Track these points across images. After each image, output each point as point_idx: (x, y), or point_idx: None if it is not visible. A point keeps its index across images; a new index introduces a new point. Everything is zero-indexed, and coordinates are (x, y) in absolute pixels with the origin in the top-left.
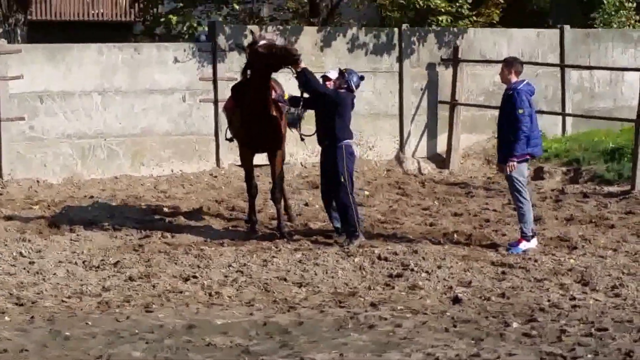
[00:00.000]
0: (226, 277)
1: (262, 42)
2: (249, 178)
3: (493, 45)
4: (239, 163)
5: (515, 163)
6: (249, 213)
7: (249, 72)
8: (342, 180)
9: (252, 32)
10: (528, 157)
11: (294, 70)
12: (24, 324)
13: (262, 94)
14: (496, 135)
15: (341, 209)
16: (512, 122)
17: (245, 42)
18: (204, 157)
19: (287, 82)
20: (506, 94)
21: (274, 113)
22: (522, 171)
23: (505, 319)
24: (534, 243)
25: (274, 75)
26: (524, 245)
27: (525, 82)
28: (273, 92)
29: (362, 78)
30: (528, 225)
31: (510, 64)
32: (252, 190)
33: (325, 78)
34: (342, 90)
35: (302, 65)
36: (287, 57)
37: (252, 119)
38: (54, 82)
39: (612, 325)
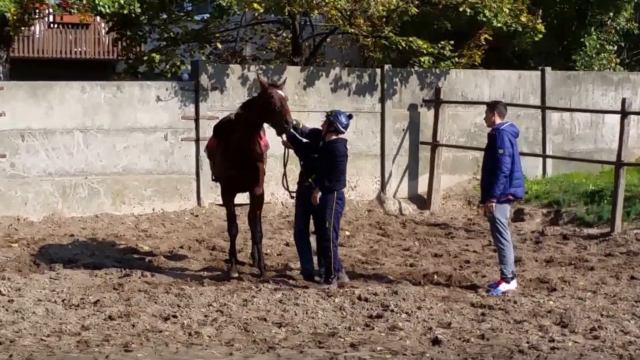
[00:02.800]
0: (206, 317)
1: (278, 92)
2: (231, 218)
3: (475, 86)
4: (220, 202)
5: (494, 204)
6: (229, 253)
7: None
8: (327, 225)
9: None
10: (510, 197)
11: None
12: None
13: (251, 136)
14: (478, 177)
15: (322, 252)
16: (493, 162)
17: (263, 78)
18: (185, 196)
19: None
20: (489, 135)
21: (259, 152)
22: (504, 212)
23: None
24: (513, 285)
25: None
26: (503, 286)
27: (509, 124)
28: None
29: (350, 117)
30: (508, 267)
31: (494, 107)
32: (232, 230)
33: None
34: (335, 138)
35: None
36: (281, 123)
37: (237, 160)
38: (35, 119)
39: None
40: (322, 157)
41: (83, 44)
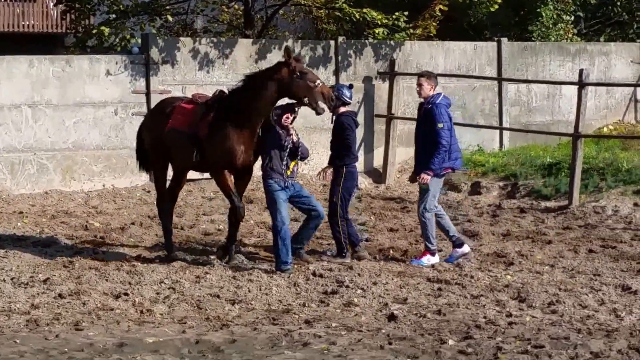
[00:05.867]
0: (158, 294)
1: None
2: (236, 200)
3: (430, 58)
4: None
5: (429, 176)
6: (228, 240)
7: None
8: (335, 200)
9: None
10: (450, 170)
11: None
12: None
13: (268, 113)
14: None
15: (331, 228)
16: (432, 136)
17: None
18: (136, 172)
19: None
20: (425, 108)
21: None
22: (439, 186)
23: (441, 336)
24: (437, 258)
25: None
26: (427, 259)
27: (442, 95)
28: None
29: (351, 87)
30: (433, 239)
31: (430, 78)
32: (241, 211)
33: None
34: (343, 111)
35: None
36: (318, 102)
37: (245, 137)
38: None
39: (549, 342)
40: (333, 132)
41: (30, 17)
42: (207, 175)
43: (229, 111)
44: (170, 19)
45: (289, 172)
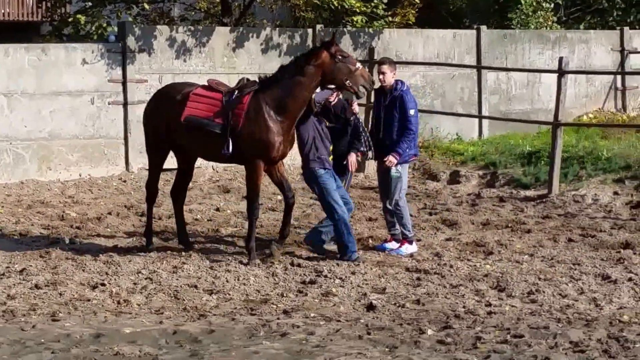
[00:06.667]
0: (135, 285)
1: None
2: (257, 200)
3: (409, 46)
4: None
5: (396, 160)
6: (249, 237)
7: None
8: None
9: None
10: (414, 158)
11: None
12: None
13: (310, 99)
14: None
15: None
16: (402, 122)
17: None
18: (112, 161)
19: None
20: (393, 95)
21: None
22: (406, 173)
23: (420, 326)
24: (415, 247)
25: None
26: (406, 247)
27: (404, 82)
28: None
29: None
30: (410, 227)
31: (392, 64)
32: (256, 212)
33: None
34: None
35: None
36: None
37: (287, 130)
38: None
39: (528, 331)
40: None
41: (6, 5)
42: None
43: (266, 102)
44: (147, 7)
45: (331, 159)
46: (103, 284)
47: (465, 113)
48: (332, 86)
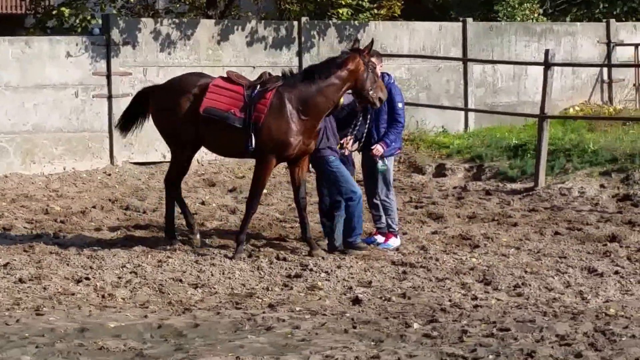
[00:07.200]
0: (120, 279)
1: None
2: (259, 199)
3: (394, 38)
4: (137, 161)
5: (383, 149)
6: (242, 230)
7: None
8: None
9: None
10: (399, 151)
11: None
12: None
13: (338, 100)
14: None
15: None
16: (390, 114)
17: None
18: (97, 155)
19: None
20: None
21: None
22: (392, 166)
23: (405, 320)
24: (399, 240)
25: None
26: (393, 241)
27: (390, 75)
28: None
29: None
30: (396, 219)
31: (379, 57)
32: (255, 208)
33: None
34: None
35: None
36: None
37: (309, 130)
38: None
39: (514, 325)
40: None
41: None
42: (169, 158)
43: (290, 99)
44: None
45: (338, 147)
46: (87, 278)
47: (451, 106)
48: (350, 91)
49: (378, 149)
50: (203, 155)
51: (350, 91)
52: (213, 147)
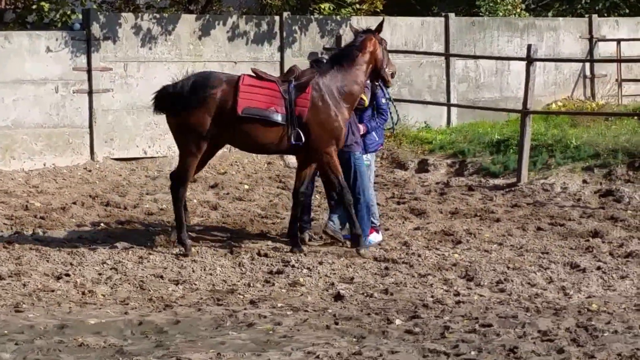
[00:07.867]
0: (100, 275)
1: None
2: (343, 181)
3: None
4: (118, 157)
5: (363, 131)
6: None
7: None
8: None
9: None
10: (381, 147)
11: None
12: None
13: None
14: None
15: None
16: (376, 110)
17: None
18: (77, 151)
19: None
20: None
21: None
22: (374, 161)
23: (388, 316)
24: (381, 235)
25: None
26: (374, 236)
27: None
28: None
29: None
30: (376, 215)
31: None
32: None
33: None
34: None
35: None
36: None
37: (350, 114)
38: None
39: (497, 321)
40: None
41: None
42: (150, 154)
43: (330, 89)
44: None
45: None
46: (67, 275)
47: (434, 101)
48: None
49: (361, 128)
50: None
51: None
52: (248, 146)
